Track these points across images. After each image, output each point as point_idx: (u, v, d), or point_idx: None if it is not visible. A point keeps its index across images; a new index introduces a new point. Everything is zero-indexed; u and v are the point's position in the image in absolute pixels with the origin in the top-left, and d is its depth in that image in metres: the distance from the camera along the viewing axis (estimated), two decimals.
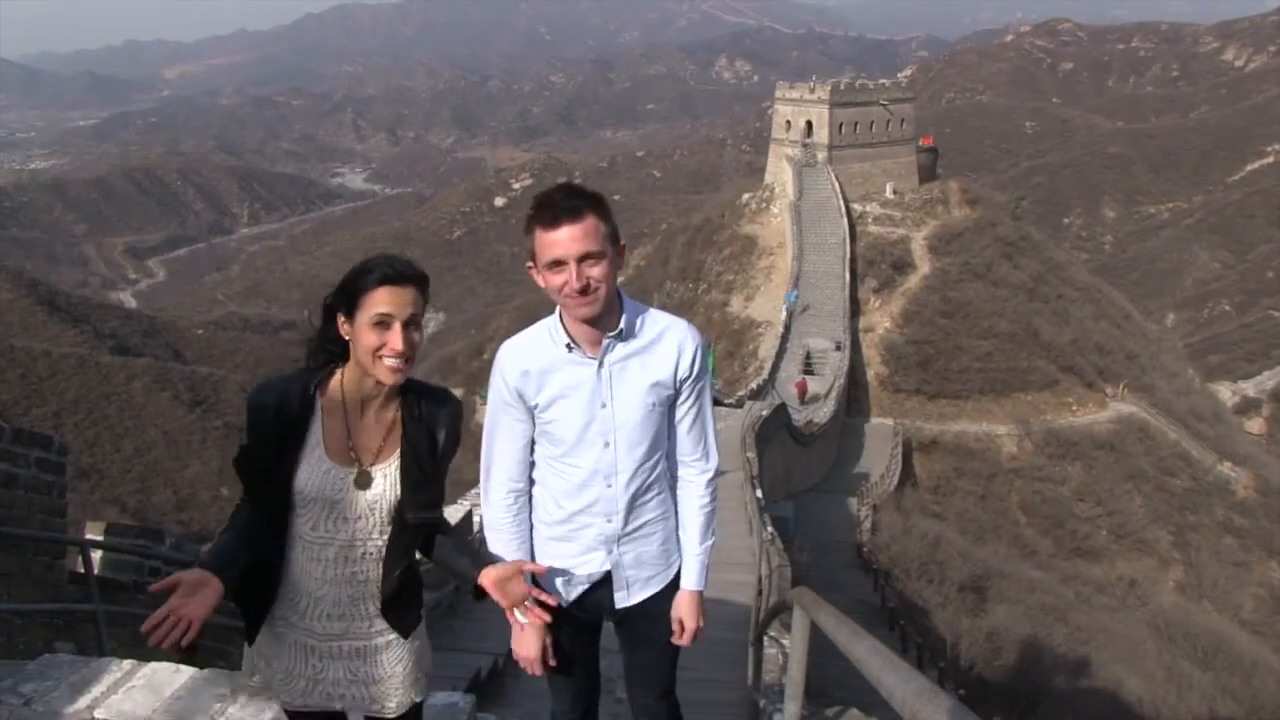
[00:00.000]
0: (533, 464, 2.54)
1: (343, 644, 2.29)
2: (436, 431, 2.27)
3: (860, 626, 2.56)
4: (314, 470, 2.19)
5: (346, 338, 2.18)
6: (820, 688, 6.66)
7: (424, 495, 2.25)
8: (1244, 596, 37.97)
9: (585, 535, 2.53)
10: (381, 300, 2.11)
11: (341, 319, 2.16)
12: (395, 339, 2.12)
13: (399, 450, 2.24)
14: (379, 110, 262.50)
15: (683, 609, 2.63)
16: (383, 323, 2.11)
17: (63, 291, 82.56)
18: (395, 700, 2.37)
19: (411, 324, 2.14)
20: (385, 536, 2.25)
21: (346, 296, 2.15)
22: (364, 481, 2.22)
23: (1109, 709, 18.30)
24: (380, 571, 2.27)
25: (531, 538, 2.59)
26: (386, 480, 2.23)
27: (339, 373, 2.23)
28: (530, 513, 2.57)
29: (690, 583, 2.64)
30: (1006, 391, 43.09)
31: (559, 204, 2.28)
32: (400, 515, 2.25)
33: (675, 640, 2.65)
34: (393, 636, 2.32)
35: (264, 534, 2.22)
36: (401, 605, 2.31)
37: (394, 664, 2.34)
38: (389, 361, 2.14)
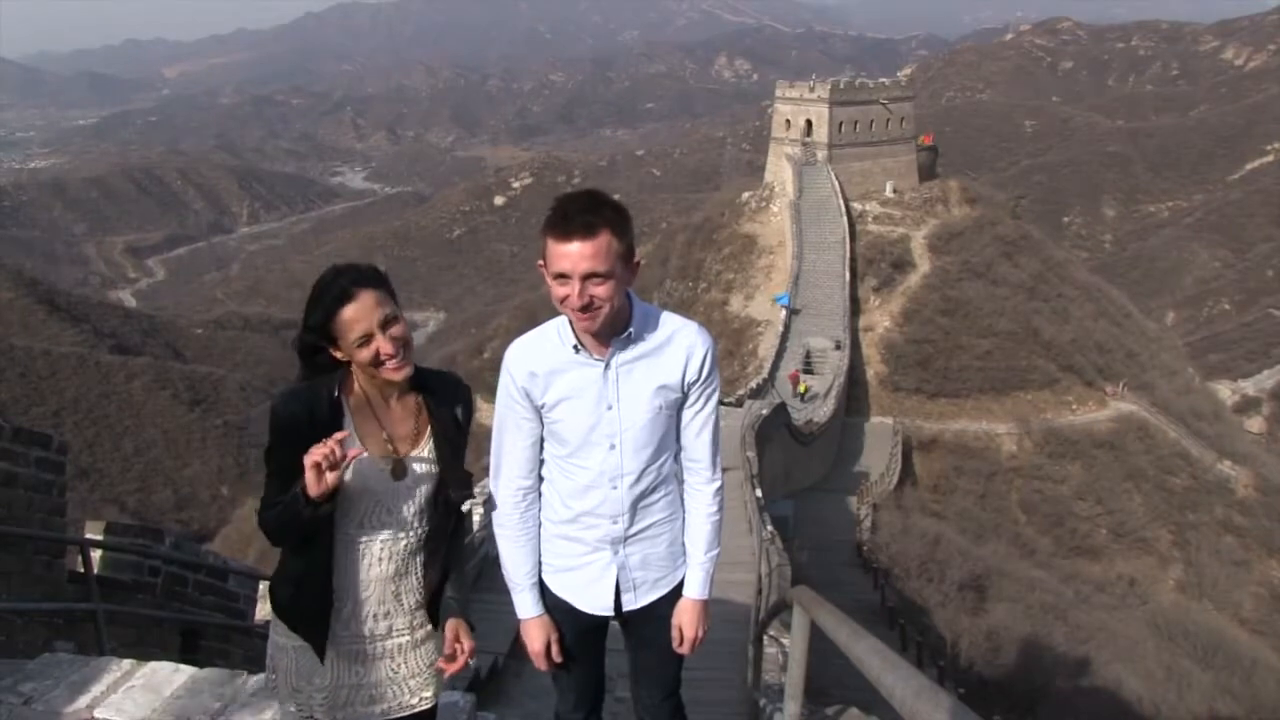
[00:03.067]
0: (542, 462, 2.54)
1: (386, 643, 2.32)
2: (456, 409, 2.33)
3: (860, 625, 2.56)
4: (355, 467, 2.19)
5: (344, 359, 2.21)
6: (820, 687, 6.66)
7: (460, 473, 2.30)
8: (1244, 595, 37.96)
9: (591, 536, 2.52)
10: (351, 321, 2.13)
11: (331, 349, 2.19)
12: (384, 345, 2.15)
13: (429, 433, 2.29)
14: (378, 109, 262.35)
15: (684, 617, 2.61)
16: (365, 339, 2.14)
17: (62, 291, 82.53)
18: (432, 690, 2.42)
19: (390, 323, 2.16)
20: (425, 523, 2.30)
21: (322, 332, 2.16)
22: (400, 471, 2.25)
23: (1109, 708, 18.31)
24: (422, 560, 2.32)
25: (539, 536, 2.58)
26: (423, 465, 2.28)
27: (354, 372, 2.24)
28: (539, 511, 2.56)
29: (694, 591, 2.61)
30: (1006, 390, 43.09)
31: (574, 217, 2.24)
32: (437, 499, 2.29)
33: (675, 649, 2.64)
34: (430, 627, 2.37)
35: (313, 546, 2.22)
36: (439, 594, 2.37)
37: (432, 654, 2.38)
38: (390, 364, 2.17)
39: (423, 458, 2.27)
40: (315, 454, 2.03)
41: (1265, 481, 43.18)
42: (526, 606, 2.58)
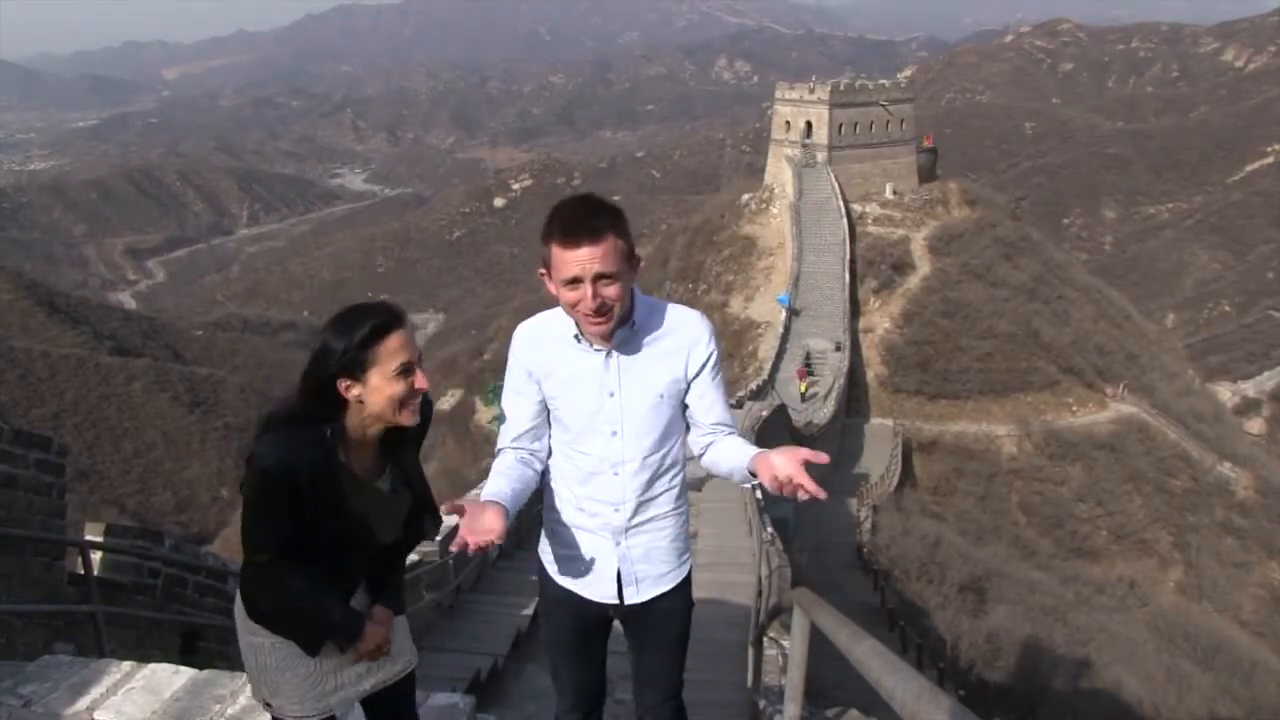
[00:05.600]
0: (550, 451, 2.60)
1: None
2: (417, 440, 2.34)
3: (860, 627, 2.55)
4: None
5: (355, 400, 2.14)
6: (820, 689, 6.66)
7: (397, 521, 2.29)
8: (1244, 597, 37.93)
9: (594, 523, 2.55)
10: (399, 347, 2.11)
11: (346, 384, 2.11)
12: (421, 380, 2.16)
13: (388, 473, 2.28)
14: (378, 111, 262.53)
15: (774, 460, 2.31)
16: (407, 369, 2.12)
17: (62, 293, 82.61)
18: (406, 658, 2.48)
19: (419, 363, 2.17)
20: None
21: (355, 359, 2.09)
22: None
23: (1109, 710, 18.30)
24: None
25: (526, 481, 2.54)
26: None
27: (344, 427, 2.19)
28: (533, 472, 2.56)
29: (757, 451, 2.41)
30: (1006, 392, 43.05)
31: (580, 223, 2.27)
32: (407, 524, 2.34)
33: (792, 474, 2.27)
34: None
35: (325, 582, 2.25)
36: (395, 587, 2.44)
37: (399, 624, 2.45)
38: (412, 405, 2.17)
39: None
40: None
41: (1265, 483, 43.15)
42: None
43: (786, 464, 2.27)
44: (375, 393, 2.11)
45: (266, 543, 2.14)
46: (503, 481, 2.45)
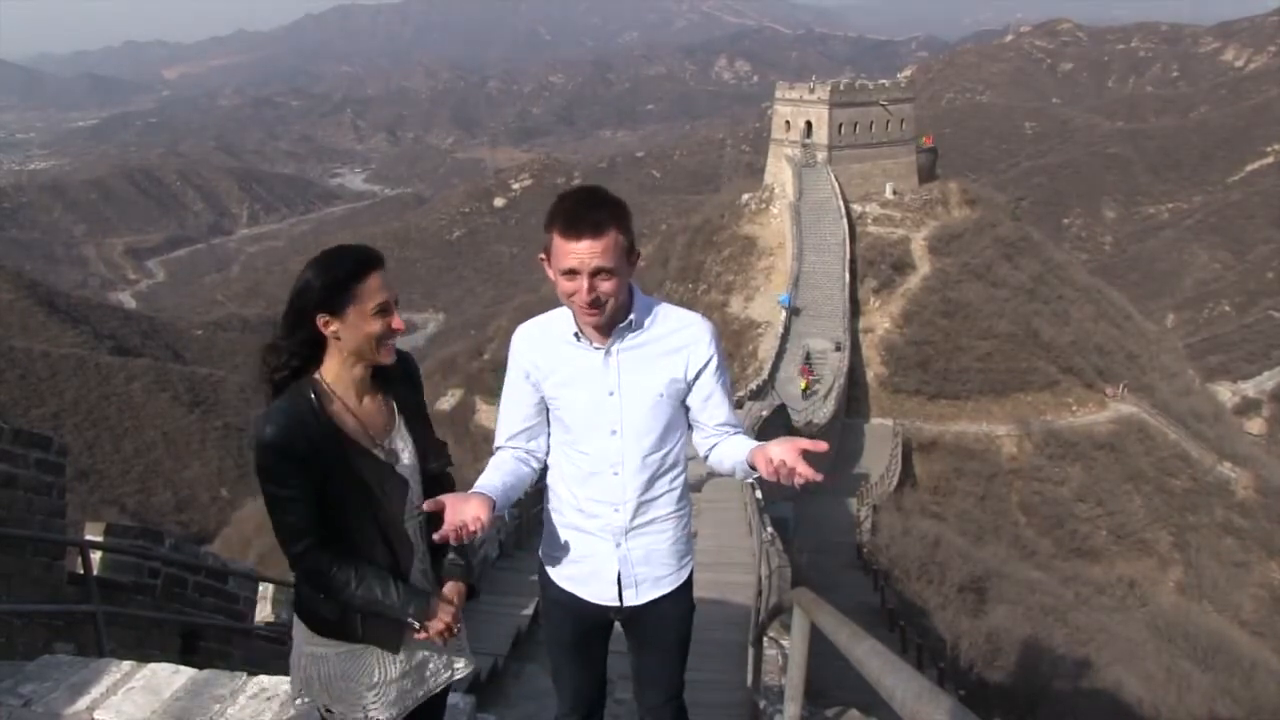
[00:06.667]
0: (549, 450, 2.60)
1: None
2: (410, 382, 2.36)
3: (860, 627, 2.55)
4: (364, 469, 2.21)
5: (333, 336, 2.16)
6: (820, 689, 6.65)
7: (434, 443, 2.35)
8: (1244, 597, 37.92)
9: (594, 525, 2.54)
10: (378, 288, 2.15)
11: (325, 319, 2.14)
12: (398, 321, 2.19)
13: (396, 414, 2.31)
14: (378, 111, 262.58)
15: (772, 449, 2.32)
16: (384, 309, 2.15)
17: (62, 292, 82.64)
18: (464, 658, 2.46)
19: (396, 304, 2.21)
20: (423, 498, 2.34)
21: (334, 295, 2.12)
22: (394, 456, 2.28)
23: (1109, 709, 18.29)
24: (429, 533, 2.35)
25: (519, 478, 2.54)
26: (407, 445, 2.31)
27: (320, 378, 2.21)
28: (529, 470, 2.57)
29: (756, 444, 2.42)
30: (1006, 392, 43.05)
31: (583, 216, 2.28)
32: (423, 474, 2.33)
33: (786, 459, 2.28)
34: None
35: (376, 555, 2.23)
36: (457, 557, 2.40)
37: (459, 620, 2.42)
38: (390, 344, 2.20)
39: (404, 439, 2.30)
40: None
41: (1265, 483, 43.14)
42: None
43: (782, 450, 2.28)
44: (352, 329, 2.14)
45: (297, 522, 2.13)
46: (494, 475, 2.47)
